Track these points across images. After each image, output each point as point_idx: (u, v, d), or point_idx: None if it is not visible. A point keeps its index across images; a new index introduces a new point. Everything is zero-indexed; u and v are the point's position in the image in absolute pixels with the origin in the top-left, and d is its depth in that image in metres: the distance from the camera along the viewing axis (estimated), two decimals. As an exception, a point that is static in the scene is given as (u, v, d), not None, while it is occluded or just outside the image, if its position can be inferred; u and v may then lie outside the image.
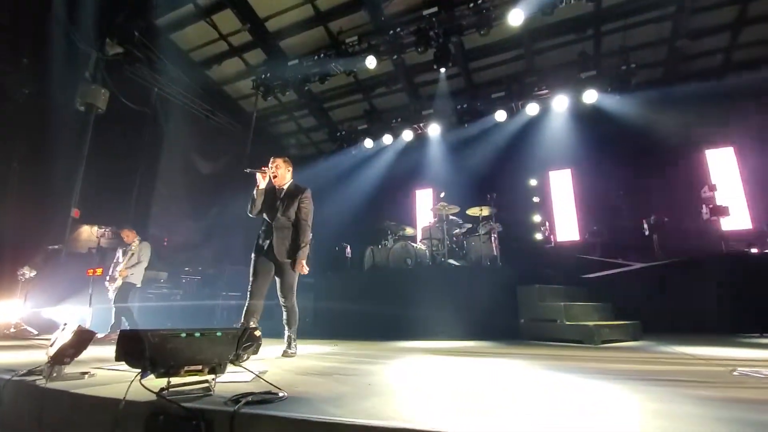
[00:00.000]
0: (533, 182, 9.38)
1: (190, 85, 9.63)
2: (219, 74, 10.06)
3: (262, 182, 3.64)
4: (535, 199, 9.14)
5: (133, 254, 5.86)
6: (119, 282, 5.70)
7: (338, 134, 10.85)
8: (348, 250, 8.57)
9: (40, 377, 2.15)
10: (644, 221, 8.11)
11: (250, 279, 3.56)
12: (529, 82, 9.00)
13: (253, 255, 3.62)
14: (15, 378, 2.19)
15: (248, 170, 3.67)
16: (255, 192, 3.63)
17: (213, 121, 10.52)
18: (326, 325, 5.87)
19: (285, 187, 3.73)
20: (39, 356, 3.17)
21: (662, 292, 5.69)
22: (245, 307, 3.47)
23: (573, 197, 9.52)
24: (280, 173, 3.72)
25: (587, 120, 8.82)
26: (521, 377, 2.36)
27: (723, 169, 8.66)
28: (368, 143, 10.43)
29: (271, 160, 3.74)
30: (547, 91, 8.70)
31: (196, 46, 9.30)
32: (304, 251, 3.56)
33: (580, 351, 3.78)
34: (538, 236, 8.54)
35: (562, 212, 9.57)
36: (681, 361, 3.09)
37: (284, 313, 3.57)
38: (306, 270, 3.55)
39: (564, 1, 6.74)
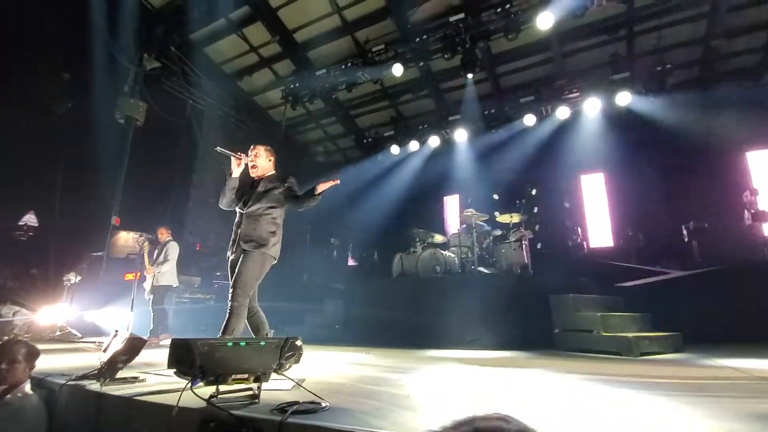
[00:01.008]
0: (563, 187, 9.15)
1: (223, 96, 9.96)
2: (250, 85, 10.36)
3: (235, 169, 3.13)
4: (566, 204, 8.91)
5: (162, 252, 5.93)
6: (149, 280, 5.82)
7: (365, 141, 10.93)
8: (375, 256, 8.63)
9: (94, 381, 2.26)
10: (683, 227, 7.78)
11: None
12: (559, 85, 8.82)
13: (228, 254, 3.09)
14: (70, 382, 2.31)
15: (219, 149, 3.12)
16: (227, 181, 3.12)
17: (244, 130, 10.81)
18: (356, 332, 5.90)
19: (266, 177, 3.24)
20: (87, 360, 3.33)
21: (703, 301, 5.42)
22: (240, 320, 2.87)
23: (606, 202, 9.24)
24: (260, 163, 3.22)
25: (620, 122, 8.56)
26: (562, 390, 2.30)
27: (765, 172, 8.20)
28: (395, 150, 10.46)
29: (251, 147, 3.27)
30: (577, 94, 8.50)
31: (228, 59, 9.62)
32: (314, 199, 3.03)
33: (620, 363, 3.66)
34: (570, 243, 8.31)
35: (595, 217, 9.30)
36: (725, 374, 2.95)
37: (227, 314, 2.83)
38: (334, 181, 3.04)
39: (595, 3, 6.60)
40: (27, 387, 2.35)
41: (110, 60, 8.43)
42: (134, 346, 2.25)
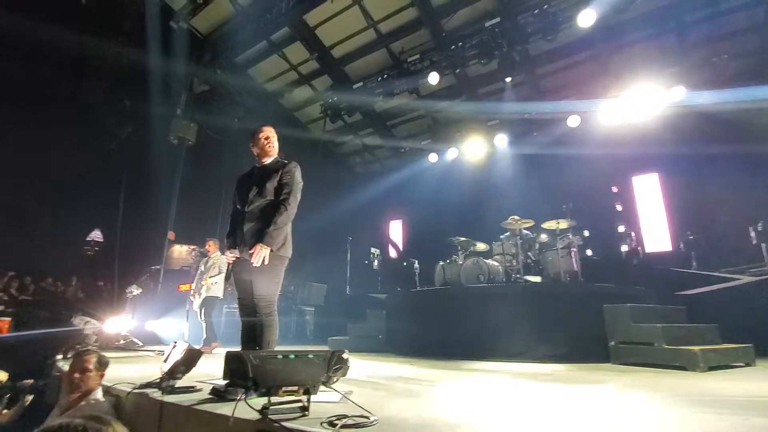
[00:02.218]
0: (614, 189, 8.67)
1: (265, 114, 10.40)
2: (290, 102, 10.77)
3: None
4: (618, 208, 8.43)
5: (213, 265, 6.20)
6: (203, 293, 6.08)
7: (402, 150, 11.00)
8: (416, 265, 8.57)
9: (155, 390, 2.40)
10: (750, 228, 7.13)
11: (238, 290, 2.76)
12: (604, 84, 8.43)
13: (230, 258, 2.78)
14: (135, 390, 2.46)
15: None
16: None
17: (285, 145, 11.20)
18: (399, 343, 5.87)
19: (265, 163, 2.96)
20: (148, 368, 3.54)
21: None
22: (274, 332, 2.65)
23: (662, 203, 8.65)
24: (268, 147, 2.95)
25: (674, 119, 8.01)
26: (625, 408, 2.16)
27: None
28: (432, 158, 10.43)
29: (260, 130, 3.06)
30: (624, 91, 8.08)
31: (270, 78, 10.08)
32: (277, 233, 2.62)
33: (685, 378, 3.38)
34: (624, 249, 7.84)
35: (650, 220, 8.73)
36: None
37: (260, 329, 2.58)
38: (264, 259, 2.54)
39: (640, -5, 6.29)
40: (99, 394, 2.54)
41: (164, 86, 9.07)
42: (192, 357, 2.37)
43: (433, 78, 8.14)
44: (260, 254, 2.53)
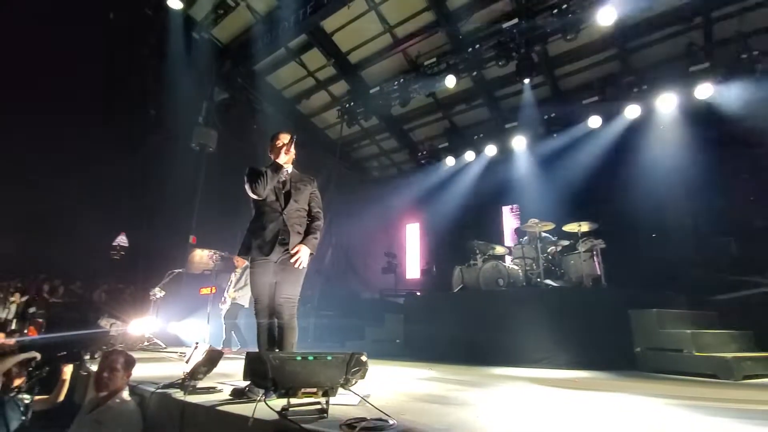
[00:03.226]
0: (639, 190, 8.39)
1: (283, 120, 10.55)
2: (308, 108, 10.90)
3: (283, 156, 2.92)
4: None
5: (240, 277, 6.43)
6: (229, 303, 6.30)
7: (419, 154, 10.97)
8: (434, 270, 8.52)
9: (178, 390, 2.44)
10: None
11: (258, 293, 2.73)
12: (627, 83, 8.21)
13: (254, 256, 2.75)
14: (158, 390, 2.51)
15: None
16: (276, 171, 2.87)
17: (303, 150, 11.33)
18: (417, 347, 5.81)
19: (290, 168, 3.04)
20: (171, 369, 3.61)
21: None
22: (296, 334, 2.65)
23: (688, 205, 8.30)
24: (285, 152, 2.98)
25: (701, 117, 7.72)
26: (654, 419, 2.07)
27: None
28: (450, 161, 10.36)
29: (276, 137, 3.08)
30: (648, 90, 7.85)
31: (287, 84, 10.23)
32: (315, 241, 2.82)
33: (718, 387, 3.24)
34: (648, 252, 7.57)
35: (676, 223, 8.39)
36: None
37: (282, 332, 2.62)
38: (303, 262, 2.69)
39: (664, -9, 6.12)
40: (125, 393, 2.60)
41: (186, 94, 9.33)
42: (213, 358, 2.40)
43: (450, 81, 8.11)
44: (303, 255, 2.69)
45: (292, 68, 9.61)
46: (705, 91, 7.18)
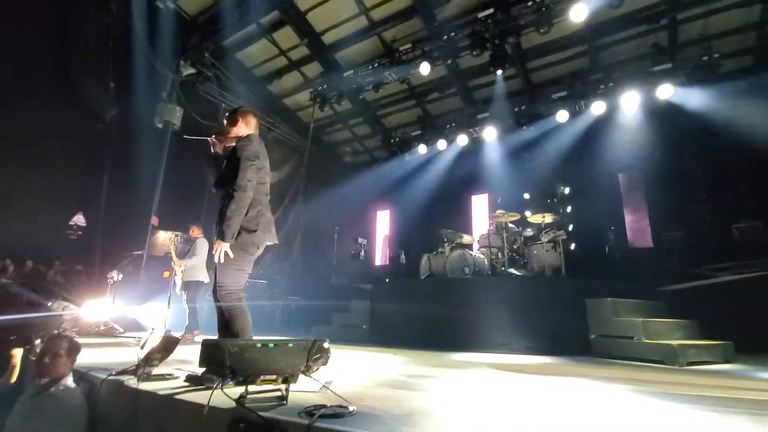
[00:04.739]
0: (598, 185, 8.73)
1: (253, 100, 10.19)
2: (279, 88, 10.57)
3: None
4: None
5: (191, 249, 6.06)
6: (179, 276, 5.92)
7: (392, 141, 10.92)
8: (402, 256, 8.59)
9: (131, 377, 2.35)
10: (733, 226, 7.28)
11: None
12: (594, 80, 8.46)
13: (268, 243, 2.71)
14: (110, 377, 2.40)
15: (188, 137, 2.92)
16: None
17: (274, 132, 11.03)
18: (383, 333, 5.88)
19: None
20: (127, 355, 3.47)
21: (757, 308, 5.03)
22: (247, 321, 2.50)
23: (645, 200, 8.74)
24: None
25: (661, 117, 8.09)
26: (604, 402, 2.18)
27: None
28: (422, 149, 10.38)
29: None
30: (614, 87, 8.10)
31: (258, 63, 9.85)
32: (230, 224, 2.41)
33: (664, 373, 3.45)
34: (607, 244, 7.93)
35: (634, 217, 8.83)
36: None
37: (222, 317, 2.46)
38: (221, 256, 2.41)
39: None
40: (69, 380, 2.48)
41: (149, 68, 8.81)
42: (169, 344, 2.32)
43: (425, 68, 8.07)
44: (218, 250, 2.41)
45: (264, 46, 9.25)
46: (666, 91, 7.48)
